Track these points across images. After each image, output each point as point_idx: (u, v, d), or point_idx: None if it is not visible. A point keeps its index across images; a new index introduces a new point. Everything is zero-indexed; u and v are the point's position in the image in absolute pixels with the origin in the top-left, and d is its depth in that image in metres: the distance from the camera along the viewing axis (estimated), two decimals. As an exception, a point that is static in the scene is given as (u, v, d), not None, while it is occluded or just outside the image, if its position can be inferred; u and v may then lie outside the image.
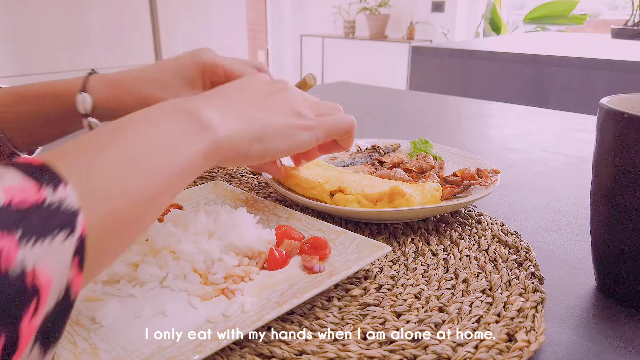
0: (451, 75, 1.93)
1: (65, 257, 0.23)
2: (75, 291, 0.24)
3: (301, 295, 0.35)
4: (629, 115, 0.34)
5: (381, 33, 4.11)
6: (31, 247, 0.21)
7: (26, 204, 0.22)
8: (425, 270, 0.43)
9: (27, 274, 0.21)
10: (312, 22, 4.84)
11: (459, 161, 0.63)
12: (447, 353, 0.32)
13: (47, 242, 0.22)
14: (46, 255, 0.22)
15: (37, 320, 0.21)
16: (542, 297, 0.37)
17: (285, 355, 0.32)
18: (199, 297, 0.37)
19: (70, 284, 0.23)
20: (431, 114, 1.16)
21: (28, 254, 0.21)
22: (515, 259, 0.43)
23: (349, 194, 0.50)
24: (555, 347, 0.34)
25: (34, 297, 0.21)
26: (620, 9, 3.75)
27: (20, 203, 0.22)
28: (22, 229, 0.21)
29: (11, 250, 0.20)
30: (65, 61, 2.09)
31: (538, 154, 0.80)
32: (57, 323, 0.23)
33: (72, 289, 0.23)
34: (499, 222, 0.51)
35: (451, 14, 3.86)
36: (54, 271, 0.22)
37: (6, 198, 0.21)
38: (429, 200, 0.50)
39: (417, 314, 0.36)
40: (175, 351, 0.30)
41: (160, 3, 2.32)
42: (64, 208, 0.23)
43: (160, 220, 0.44)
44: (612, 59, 1.52)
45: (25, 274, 0.21)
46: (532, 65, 1.68)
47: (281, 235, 0.44)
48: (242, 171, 0.68)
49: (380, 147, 0.68)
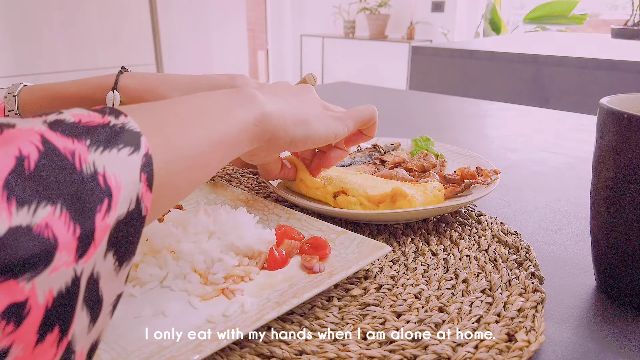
0: (451, 75, 1.93)
1: (133, 168, 0.24)
2: (146, 207, 0.25)
3: (301, 295, 0.35)
4: (629, 115, 0.34)
5: (381, 33, 4.11)
6: (100, 153, 0.23)
7: (93, 123, 0.25)
8: (425, 270, 0.43)
9: (98, 174, 0.23)
10: (312, 22, 4.84)
11: (460, 159, 0.63)
12: (447, 353, 0.32)
13: (114, 152, 0.24)
14: (114, 162, 0.24)
15: (110, 220, 0.23)
16: (542, 297, 0.37)
17: (285, 355, 0.32)
18: (199, 297, 0.37)
19: (141, 198, 0.25)
20: (431, 114, 1.16)
21: (98, 158, 0.23)
22: (515, 259, 0.43)
23: (351, 195, 0.50)
24: (555, 347, 0.34)
25: (106, 197, 0.23)
26: (620, 9, 3.75)
27: (88, 122, 0.24)
28: (91, 139, 0.24)
29: (82, 153, 0.23)
30: (66, 61, 2.09)
31: (538, 154, 0.80)
32: (129, 236, 0.24)
33: (144, 203, 0.25)
34: (499, 222, 0.51)
35: (451, 14, 3.86)
36: (123, 178, 0.24)
37: (75, 119, 0.24)
38: (431, 200, 0.50)
39: (417, 314, 0.36)
40: (175, 351, 0.30)
41: (160, 3, 2.32)
42: (127, 128, 0.26)
43: (160, 220, 0.44)
44: (612, 59, 1.51)
45: (97, 173, 0.23)
46: (532, 65, 1.68)
47: (281, 235, 0.44)
48: (242, 171, 0.68)
49: (381, 146, 0.68)
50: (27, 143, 0.21)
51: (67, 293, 0.21)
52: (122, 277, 0.25)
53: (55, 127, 0.23)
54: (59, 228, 0.20)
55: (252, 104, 0.37)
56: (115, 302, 0.25)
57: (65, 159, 0.22)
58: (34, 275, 0.19)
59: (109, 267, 0.24)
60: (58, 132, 0.23)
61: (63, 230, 0.21)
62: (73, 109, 0.25)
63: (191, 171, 0.30)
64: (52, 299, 0.20)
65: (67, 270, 0.21)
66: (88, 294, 0.23)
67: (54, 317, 0.21)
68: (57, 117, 0.24)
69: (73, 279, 0.21)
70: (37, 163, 0.21)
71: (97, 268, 0.23)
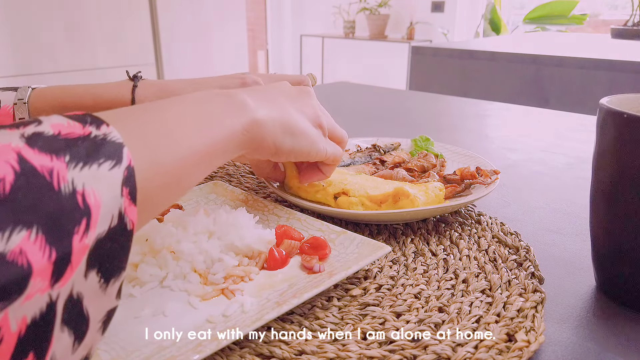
0: (451, 75, 1.93)
1: (114, 184, 0.24)
2: (132, 221, 0.24)
3: (301, 295, 0.35)
4: (629, 115, 0.34)
5: (381, 33, 4.11)
6: (79, 170, 0.22)
7: (73, 135, 0.24)
8: (425, 270, 0.43)
9: (77, 192, 0.22)
10: (312, 22, 4.84)
11: (460, 159, 0.63)
12: (447, 353, 0.32)
13: (95, 167, 0.23)
14: (94, 179, 0.23)
15: (89, 240, 0.22)
16: (542, 297, 0.37)
17: (285, 355, 0.32)
18: (198, 297, 0.37)
19: (124, 212, 0.24)
20: (431, 114, 1.16)
21: (77, 175, 0.22)
22: (515, 259, 0.43)
23: (352, 196, 0.50)
24: (555, 347, 0.34)
25: (85, 216, 0.22)
26: (620, 9, 3.75)
27: (68, 135, 0.23)
28: (70, 154, 0.23)
29: (61, 171, 0.22)
30: (66, 61, 2.09)
31: (538, 154, 0.80)
32: (114, 252, 0.24)
33: (128, 217, 0.24)
34: (499, 222, 0.51)
35: (451, 14, 3.85)
36: (103, 195, 0.23)
37: (54, 130, 0.23)
38: (432, 200, 0.50)
39: (417, 314, 0.36)
40: (175, 351, 0.30)
41: (160, 3, 2.32)
42: (109, 140, 0.25)
43: (160, 220, 0.44)
44: (612, 59, 1.51)
45: (76, 192, 0.22)
46: (532, 66, 1.68)
47: (281, 235, 0.44)
48: (242, 171, 0.68)
49: (380, 147, 0.68)
50: (2, 163, 0.20)
51: (42, 319, 0.21)
52: (111, 294, 0.24)
53: (34, 142, 0.22)
54: (34, 253, 0.20)
55: (243, 111, 0.36)
56: (105, 318, 0.25)
57: (42, 179, 0.21)
58: (7, 305, 0.19)
59: (93, 285, 0.23)
60: (36, 149, 0.22)
61: (38, 255, 0.20)
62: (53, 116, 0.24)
63: (175, 181, 0.30)
64: (25, 326, 0.20)
65: (42, 296, 0.20)
66: (68, 315, 0.22)
67: (28, 343, 0.20)
68: (36, 130, 0.23)
69: (48, 304, 0.21)
70: (12, 185, 0.20)
71: (77, 289, 0.22)
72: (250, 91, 0.39)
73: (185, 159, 0.30)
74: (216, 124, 0.33)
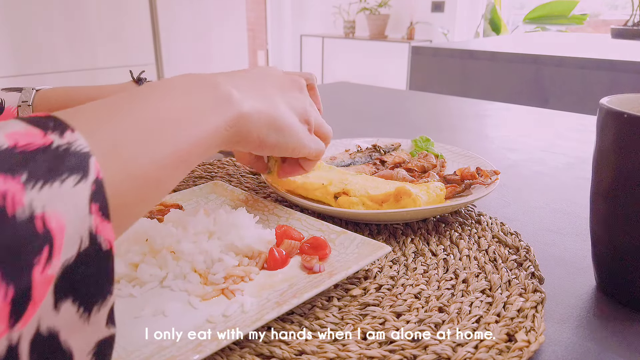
0: (451, 75, 1.93)
1: (80, 201, 0.21)
2: (107, 239, 0.22)
3: (301, 295, 0.35)
4: (629, 115, 0.34)
5: (381, 33, 4.11)
6: (38, 190, 0.20)
7: (32, 147, 0.21)
8: (425, 270, 0.43)
9: (36, 217, 0.19)
10: (312, 22, 4.84)
11: (460, 160, 0.63)
12: (447, 353, 0.32)
13: (57, 185, 0.20)
14: (56, 198, 0.20)
15: (53, 269, 0.20)
16: (542, 297, 0.37)
17: (285, 355, 0.32)
18: (199, 297, 0.37)
19: (96, 232, 0.21)
20: (431, 114, 1.16)
21: (36, 197, 0.20)
22: (515, 259, 0.43)
23: (353, 196, 0.50)
24: (555, 347, 0.34)
25: (46, 243, 0.19)
26: (620, 9, 3.75)
27: (26, 147, 0.20)
28: (28, 172, 0.20)
29: (17, 193, 0.19)
30: (65, 61, 2.09)
31: (538, 154, 0.80)
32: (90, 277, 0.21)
33: (102, 237, 0.22)
34: (499, 222, 0.51)
35: (451, 14, 3.85)
36: (67, 216, 0.20)
37: (9, 142, 0.20)
38: (434, 199, 0.50)
39: (417, 314, 0.36)
40: (175, 351, 0.30)
41: (160, 2, 2.32)
42: (73, 150, 0.22)
43: (160, 220, 0.44)
44: (612, 59, 1.51)
45: (34, 217, 0.19)
46: (532, 66, 1.68)
47: (281, 235, 0.44)
48: (242, 171, 0.68)
49: (381, 147, 0.68)
50: None
51: None
52: (97, 322, 0.22)
53: None
54: None
55: (228, 105, 0.33)
56: (95, 349, 0.22)
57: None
58: None
59: (69, 317, 0.21)
60: None
61: None
62: (10, 122, 0.21)
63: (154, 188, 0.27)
64: None
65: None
66: (39, 356, 0.20)
67: None
68: None
69: (8, 349, 0.19)
70: None
71: (46, 324, 0.20)
72: (238, 78, 0.37)
73: (164, 163, 0.27)
74: (199, 120, 0.30)
